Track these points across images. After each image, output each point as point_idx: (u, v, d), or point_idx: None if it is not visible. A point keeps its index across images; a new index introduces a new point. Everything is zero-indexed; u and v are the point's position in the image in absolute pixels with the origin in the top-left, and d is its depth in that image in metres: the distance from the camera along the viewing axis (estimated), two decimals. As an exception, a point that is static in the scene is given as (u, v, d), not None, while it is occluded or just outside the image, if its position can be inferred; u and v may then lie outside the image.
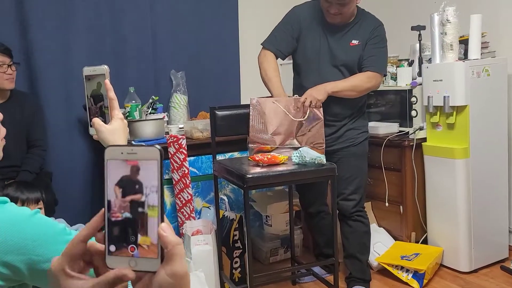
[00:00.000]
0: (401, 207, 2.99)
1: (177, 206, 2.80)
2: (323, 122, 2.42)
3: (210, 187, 2.90)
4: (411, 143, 2.90)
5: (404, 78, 3.09)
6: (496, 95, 2.80)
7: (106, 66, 1.10)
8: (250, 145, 2.46)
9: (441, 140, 2.83)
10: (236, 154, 3.02)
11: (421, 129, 2.94)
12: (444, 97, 2.70)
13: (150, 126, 2.86)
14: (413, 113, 3.00)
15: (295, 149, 2.39)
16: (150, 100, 3.08)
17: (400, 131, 3.04)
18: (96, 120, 1.09)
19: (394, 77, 3.18)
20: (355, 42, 2.47)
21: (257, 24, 3.48)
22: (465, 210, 2.75)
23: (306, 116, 2.40)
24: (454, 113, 2.72)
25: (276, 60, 2.55)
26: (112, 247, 0.56)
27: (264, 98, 2.48)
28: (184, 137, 2.76)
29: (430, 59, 2.91)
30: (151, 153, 0.55)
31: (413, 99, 2.99)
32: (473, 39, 2.74)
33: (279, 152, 2.42)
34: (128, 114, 2.87)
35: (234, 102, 3.55)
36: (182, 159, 2.73)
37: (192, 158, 2.89)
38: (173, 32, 3.41)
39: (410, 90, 3.00)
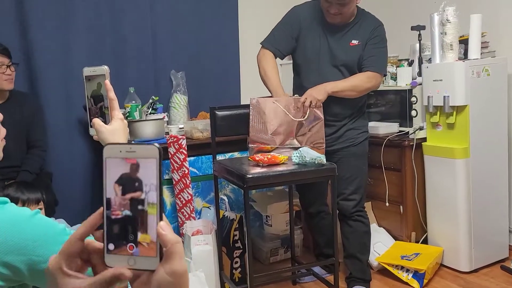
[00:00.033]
0: (401, 207, 2.99)
1: (177, 206, 2.80)
2: (323, 122, 2.42)
3: (210, 187, 2.90)
4: (411, 143, 2.90)
5: (404, 78, 3.09)
6: (496, 95, 2.80)
7: (106, 67, 1.10)
8: (250, 145, 2.46)
9: (441, 140, 2.83)
10: (236, 154, 3.02)
11: (421, 129, 2.94)
12: (444, 97, 2.70)
13: (150, 126, 2.87)
14: (413, 113, 3.00)
15: (295, 149, 2.39)
16: (150, 100, 3.08)
17: (400, 131, 3.04)
18: (96, 120, 1.09)
19: (394, 77, 3.18)
20: (355, 42, 2.47)
21: (257, 24, 3.48)
22: (465, 210, 2.75)
23: (306, 116, 2.40)
24: (454, 113, 2.72)
25: (275, 59, 2.55)
26: (111, 246, 0.56)
27: (264, 98, 2.48)
28: (184, 137, 2.77)
29: (430, 59, 2.91)
30: (150, 151, 0.55)
31: (413, 99, 2.99)
32: (473, 39, 2.74)
33: (279, 152, 2.42)
34: (128, 114, 2.87)
35: (234, 102, 3.55)
36: (182, 159, 2.73)
37: (192, 158, 2.90)
38: (173, 32, 3.41)
39: (410, 90, 3.00)
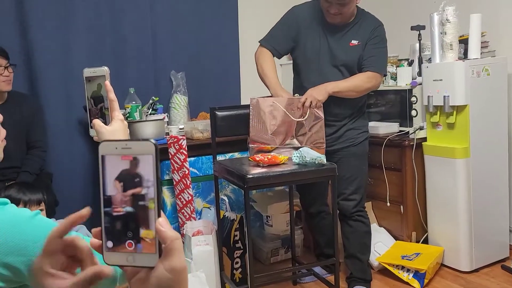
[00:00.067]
0: (401, 207, 2.99)
1: (177, 206, 2.80)
2: (324, 121, 2.42)
3: (211, 188, 2.90)
4: (411, 143, 2.90)
5: (404, 78, 3.09)
6: (496, 95, 2.80)
7: (106, 68, 1.10)
8: (250, 145, 2.46)
9: (441, 139, 2.83)
10: (236, 155, 3.02)
11: (421, 128, 2.94)
12: (444, 96, 2.70)
13: (150, 127, 2.87)
14: (413, 112, 3.00)
15: (296, 149, 2.39)
16: (150, 101, 3.08)
17: (400, 131, 3.04)
18: (96, 121, 1.09)
19: (394, 77, 3.18)
20: (355, 42, 2.47)
21: (257, 24, 3.48)
22: (465, 209, 2.75)
23: (306, 116, 2.40)
24: (454, 112, 2.72)
25: (272, 57, 2.55)
26: (109, 243, 0.56)
27: (264, 98, 2.48)
28: (184, 137, 2.77)
29: (430, 59, 2.91)
30: (146, 147, 0.54)
31: (413, 99, 2.99)
32: (472, 39, 2.74)
33: (279, 152, 2.42)
34: (128, 115, 2.87)
35: (234, 102, 3.55)
36: (182, 160, 2.73)
37: (192, 158, 2.90)
38: (173, 32, 3.41)
39: (410, 90, 3.00)
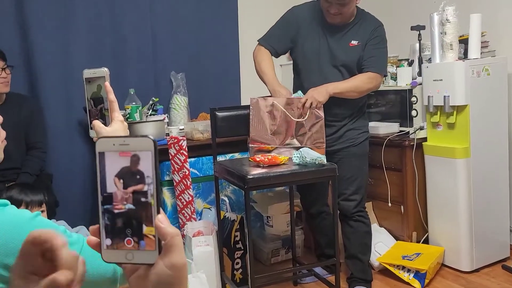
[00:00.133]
0: (402, 207, 2.99)
1: (178, 207, 2.80)
2: (324, 121, 2.42)
3: (211, 188, 2.90)
4: (412, 143, 2.90)
5: (404, 78, 3.09)
6: (496, 95, 2.80)
7: (106, 69, 1.10)
8: (250, 145, 2.46)
9: (441, 139, 2.83)
10: (236, 155, 3.02)
11: (421, 128, 2.94)
12: (444, 96, 2.70)
13: (150, 128, 2.87)
14: (413, 113, 3.00)
15: (296, 148, 2.39)
16: (151, 101, 3.08)
17: (400, 131, 3.04)
18: (96, 122, 1.09)
19: (394, 77, 3.18)
20: (355, 42, 2.47)
21: (257, 24, 3.47)
22: (466, 209, 2.75)
23: (306, 116, 2.40)
24: (455, 112, 2.72)
25: (270, 56, 2.56)
26: (108, 241, 0.55)
27: (264, 98, 2.48)
28: (184, 138, 2.77)
29: (430, 59, 2.91)
30: (144, 143, 0.54)
31: (413, 99, 2.99)
32: (472, 39, 2.74)
33: (279, 151, 2.42)
34: (128, 115, 2.87)
35: (234, 103, 3.55)
36: (182, 161, 2.73)
37: (192, 159, 2.90)
38: (173, 33, 3.41)
39: (410, 90, 3.00)
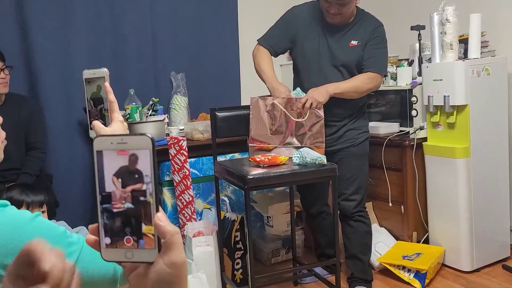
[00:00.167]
0: (402, 207, 2.99)
1: (178, 207, 2.80)
2: (324, 121, 2.41)
3: (211, 189, 2.90)
4: (412, 143, 2.90)
5: (404, 78, 3.09)
6: (496, 94, 2.80)
7: (105, 69, 1.10)
8: (250, 144, 2.46)
9: (441, 139, 2.83)
10: (236, 155, 3.02)
11: (421, 128, 2.94)
12: (444, 96, 2.69)
13: (150, 128, 2.87)
14: (413, 112, 3.00)
15: (295, 148, 2.39)
16: (151, 102, 3.08)
17: (400, 131, 3.04)
18: (96, 122, 1.09)
19: (394, 77, 3.18)
20: (354, 42, 2.47)
21: (257, 24, 3.47)
22: (466, 209, 2.75)
23: (306, 116, 2.40)
24: (455, 112, 2.72)
25: (270, 55, 2.56)
26: (107, 240, 0.55)
27: (264, 97, 2.48)
28: (184, 138, 2.77)
29: (430, 59, 2.91)
30: (142, 141, 0.54)
31: (413, 99, 2.99)
32: (472, 38, 2.74)
33: (279, 151, 2.42)
34: (128, 116, 2.87)
35: (234, 103, 3.54)
36: (182, 161, 2.73)
37: (192, 159, 2.90)
38: (173, 33, 3.41)
39: (410, 90, 3.00)
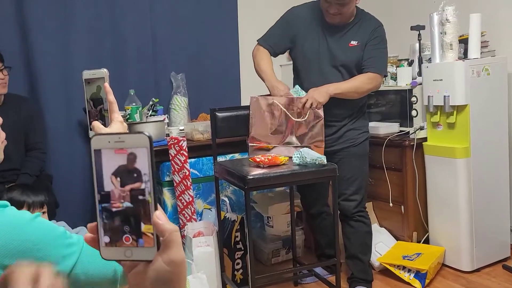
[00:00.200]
0: (402, 207, 2.99)
1: (178, 208, 2.80)
2: (323, 121, 2.41)
3: (211, 189, 2.90)
4: (412, 143, 2.90)
5: (404, 78, 3.09)
6: (496, 94, 2.80)
7: (105, 70, 1.10)
8: (249, 143, 2.46)
9: (441, 139, 2.83)
10: (237, 156, 3.02)
11: (421, 128, 2.94)
12: (444, 96, 2.69)
13: (150, 128, 2.87)
14: (413, 112, 3.00)
15: (295, 147, 2.39)
16: (151, 102, 3.08)
17: (400, 131, 3.04)
18: (95, 123, 1.09)
19: (394, 77, 3.18)
20: (354, 43, 2.47)
21: (256, 24, 3.47)
22: (466, 209, 2.75)
23: (306, 116, 2.40)
24: (455, 112, 2.72)
25: (269, 55, 2.56)
26: (106, 238, 0.55)
27: (264, 97, 2.48)
28: (184, 139, 2.77)
29: (430, 59, 2.91)
30: (140, 140, 0.54)
31: (413, 99, 2.99)
32: (472, 38, 2.74)
33: (279, 150, 2.42)
34: (128, 116, 2.87)
35: (234, 103, 3.54)
36: (183, 161, 2.73)
37: (193, 160, 2.90)
38: (173, 33, 3.41)
39: (410, 90, 3.00)
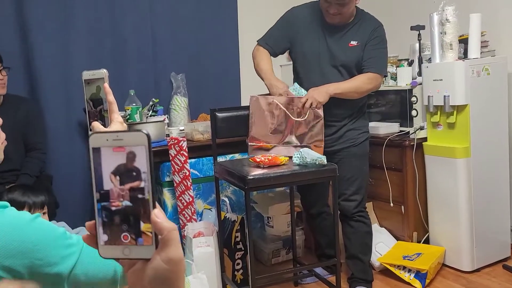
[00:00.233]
0: (402, 207, 2.99)
1: (178, 208, 2.80)
2: (323, 120, 2.41)
3: (211, 189, 2.90)
4: (412, 143, 2.90)
5: (404, 78, 3.09)
6: (496, 94, 2.80)
7: (105, 70, 1.10)
8: (249, 143, 2.46)
9: (442, 139, 2.83)
10: (237, 156, 3.02)
11: (421, 128, 2.94)
12: (444, 96, 2.69)
13: (150, 129, 2.87)
14: (413, 112, 3.00)
15: (295, 147, 2.39)
16: (151, 102, 3.08)
17: (400, 131, 3.04)
18: (95, 123, 1.09)
19: (394, 77, 3.18)
20: (354, 43, 2.47)
21: (256, 25, 3.47)
22: (466, 209, 2.75)
23: (306, 116, 2.40)
24: (455, 112, 2.72)
25: (269, 55, 2.57)
26: (104, 237, 0.55)
27: (264, 96, 2.48)
28: (184, 139, 2.77)
29: (430, 59, 2.91)
30: (138, 138, 0.53)
31: (413, 99, 2.99)
32: (472, 38, 2.74)
33: (278, 150, 2.42)
34: (128, 117, 2.87)
35: (234, 103, 3.54)
36: (183, 161, 2.73)
37: (193, 160, 2.90)
38: (173, 33, 3.41)
39: (410, 90, 3.00)
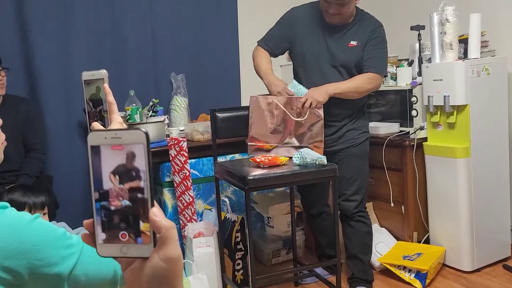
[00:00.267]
0: (402, 207, 2.99)
1: (178, 208, 2.80)
2: (323, 121, 2.41)
3: (212, 189, 2.90)
4: (412, 143, 2.90)
5: (404, 78, 3.09)
6: (496, 94, 2.80)
7: (104, 71, 1.10)
8: (249, 143, 2.46)
9: (442, 139, 2.83)
10: (237, 156, 3.02)
11: (421, 128, 2.94)
12: (444, 96, 2.69)
13: (151, 129, 2.87)
14: (413, 113, 3.00)
15: (295, 147, 2.39)
16: (151, 103, 3.08)
17: (400, 131, 3.04)
18: (95, 124, 1.09)
19: (394, 77, 3.18)
20: (354, 43, 2.47)
21: (256, 25, 3.48)
22: (467, 209, 2.75)
23: (306, 116, 2.40)
24: (455, 112, 2.72)
25: (269, 56, 2.57)
26: (103, 235, 0.55)
27: (264, 96, 2.48)
28: (184, 139, 2.77)
29: (430, 59, 2.91)
30: (136, 136, 0.53)
31: (413, 99, 2.99)
32: (472, 38, 2.74)
33: (278, 150, 2.42)
34: (128, 117, 2.87)
35: (234, 104, 3.55)
36: (183, 162, 2.73)
37: (193, 160, 2.90)
38: (173, 33, 3.41)
39: (410, 90, 3.00)
